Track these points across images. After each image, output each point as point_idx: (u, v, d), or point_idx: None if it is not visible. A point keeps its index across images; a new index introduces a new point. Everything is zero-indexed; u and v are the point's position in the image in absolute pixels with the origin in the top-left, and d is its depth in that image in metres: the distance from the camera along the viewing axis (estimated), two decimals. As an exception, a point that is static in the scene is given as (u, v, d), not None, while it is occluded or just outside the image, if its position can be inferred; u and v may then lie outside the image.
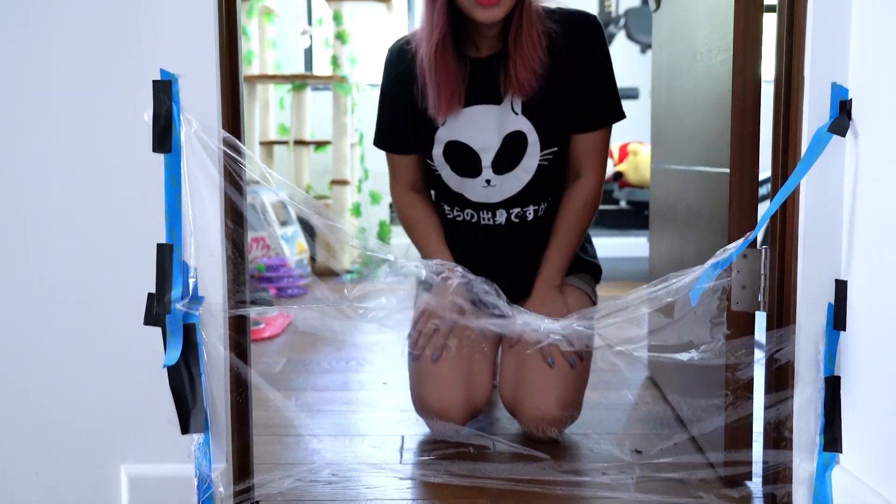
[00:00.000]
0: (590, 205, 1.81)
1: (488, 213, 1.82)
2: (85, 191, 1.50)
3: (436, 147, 1.80)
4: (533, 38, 1.69)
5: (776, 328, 1.50)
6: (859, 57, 1.40)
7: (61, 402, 1.53)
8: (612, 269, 4.28)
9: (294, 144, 4.63)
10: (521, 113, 1.75)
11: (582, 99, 1.76)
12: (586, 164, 1.80)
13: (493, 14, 1.63)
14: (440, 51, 1.69)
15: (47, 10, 1.47)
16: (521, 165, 1.77)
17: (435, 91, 1.72)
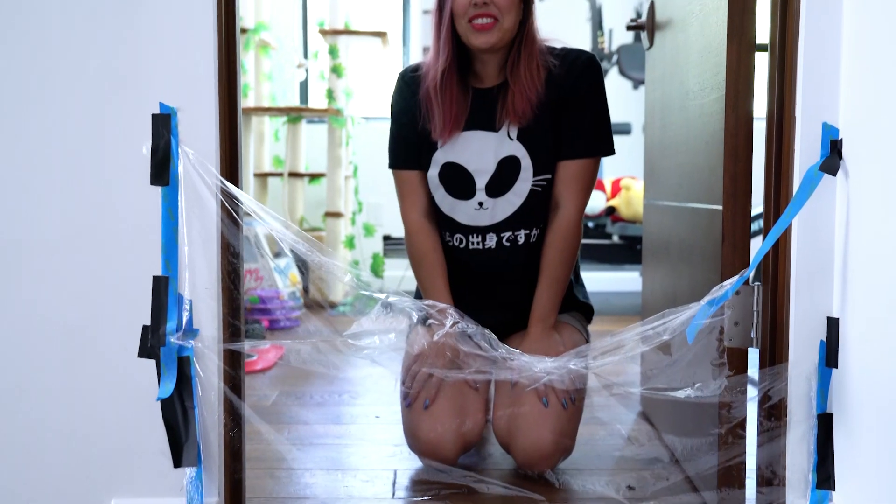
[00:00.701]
0: (569, 237, 1.83)
1: (478, 237, 1.84)
2: (82, 222, 1.51)
3: (432, 168, 1.85)
4: (531, 70, 1.77)
5: (769, 365, 1.51)
6: (849, 97, 1.42)
7: (53, 433, 1.53)
8: (605, 304, 4.29)
9: (288, 176, 4.65)
10: (517, 139, 1.80)
11: (570, 127, 1.81)
12: (566, 192, 1.83)
13: (487, 39, 1.73)
14: (445, 78, 1.79)
15: (48, 42, 1.49)
16: (514, 189, 1.81)
17: (439, 115, 1.81)
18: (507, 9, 1.75)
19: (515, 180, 1.81)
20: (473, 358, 1.63)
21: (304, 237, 1.55)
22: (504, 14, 1.74)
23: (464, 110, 1.82)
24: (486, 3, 1.73)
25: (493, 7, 1.73)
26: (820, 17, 1.45)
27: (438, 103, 1.80)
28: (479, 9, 1.73)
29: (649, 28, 2.35)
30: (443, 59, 1.79)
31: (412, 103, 1.86)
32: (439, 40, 1.80)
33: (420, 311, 1.64)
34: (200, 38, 1.49)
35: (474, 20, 1.73)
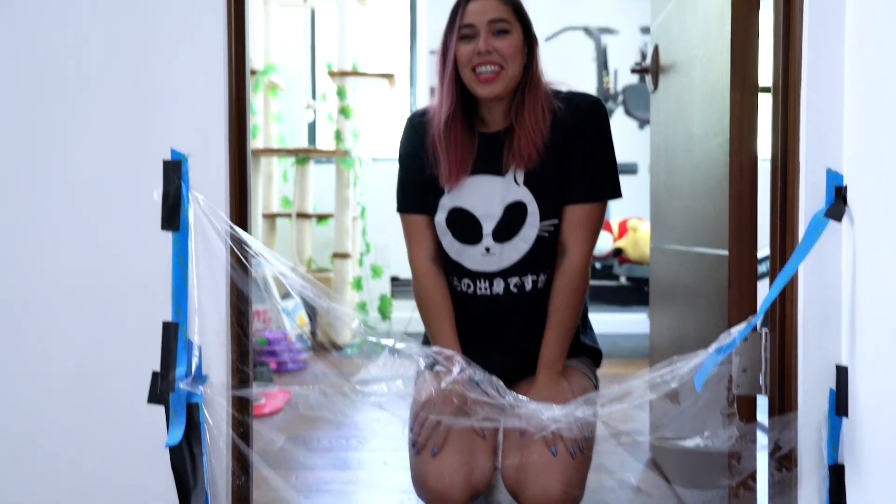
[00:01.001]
0: (576, 282, 1.81)
1: (486, 283, 1.83)
2: (93, 267, 1.52)
3: (439, 213, 1.85)
4: (537, 114, 1.77)
5: (778, 412, 1.50)
6: (853, 142, 1.43)
7: (63, 478, 1.53)
8: (613, 346, 4.27)
9: (297, 217, 4.67)
10: (523, 184, 1.79)
11: (575, 170, 1.80)
12: (572, 237, 1.81)
13: (491, 90, 1.73)
14: (450, 124, 1.79)
15: (62, 88, 1.51)
16: (521, 235, 1.80)
17: (445, 161, 1.80)
18: (511, 57, 1.75)
19: (522, 226, 1.80)
20: (481, 405, 1.62)
21: (311, 282, 1.56)
22: (508, 62, 1.74)
23: (470, 155, 1.82)
24: (490, 52, 1.73)
25: (497, 55, 1.73)
26: (822, 62, 1.46)
27: (444, 149, 1.80)
28: (483, 58, 1.73)
29: (654, 72, 2.37)
30: (447, 106, 1.79)
31: (419, 148, 1.86)
32: (443, 87, 1.80)
33: (427, 357, 1.63)
34: (212, 86, 1.51)
35: (478, 69, 1.74)
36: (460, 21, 1.75)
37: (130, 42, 1.52)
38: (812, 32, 1.47)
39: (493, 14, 1.73)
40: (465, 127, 1.81)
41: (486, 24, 1.73)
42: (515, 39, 1.75)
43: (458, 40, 1.75)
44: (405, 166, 1.90)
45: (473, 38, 1.74)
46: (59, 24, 1.51)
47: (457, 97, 1.79)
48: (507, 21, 1.74)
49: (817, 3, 1.46)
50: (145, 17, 1.52)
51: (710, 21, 1.79)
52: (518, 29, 1.76)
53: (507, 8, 1.75)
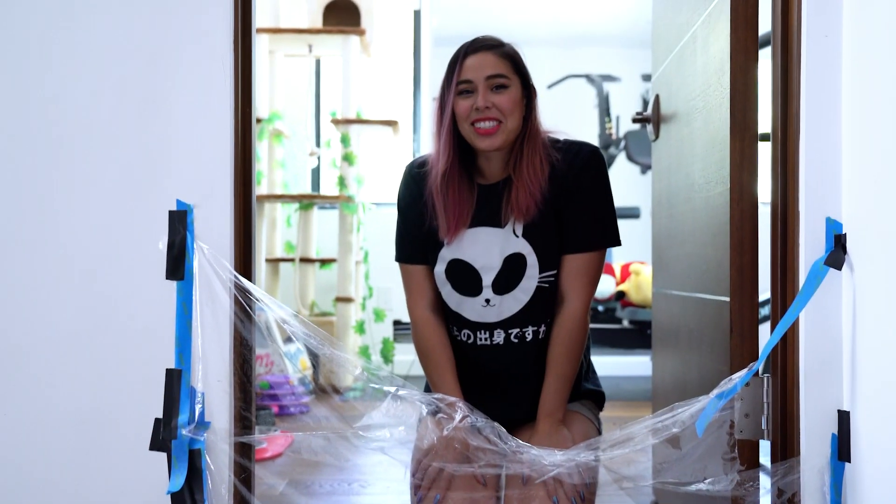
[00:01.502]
0: (575, 332, 1.79)
1: (486, 333, 1.83)
2: (98, 315, 1.54)
3: (439, 265, 1.84)
4: (535, 166, 1.77)
5: (781, 458, 1.50)
6: (852, 191, 1.45)
7: (62, 529, 1.52)
8: (616, 389, 4.26)
9: (300, 262, 4.69)
10: (522, 235, 1.79)
11: (573, 220, 1.80)
12: (571, 287, 1.80)
13: (491, 142, 1.73)
14: (448, 177, 1.79)
15: (70, 139, 1.54)
16: (520, 286, 1.79)
17: (443, 214, 1.80)
18: (511, 111, 1.75)
19: (522, 277, 1.79)
20: (483, 452, 1.62)
21: (313, 329, 1.56)
22: (507, 116, 1.74)
23: (468, 208, 1.81)
24: (488, 108, 1.73)
25: (495, 111, 1.73)
26: (820, 111, 1.49)
27: (442, 203, 1.80)
28: (482, 113, 1.72)
29: (655, 121, 2.40)
30: (444, 159, 1.78)
31: (418, 199, 1.85)
32: (440, 140, 1.79)
33: (430, 404, 1.64)
34: (218, 137, 1.54)
35: (477, 124, 1.73)
36: (458, 76, 1.75)
37: (138, 92, 1.55)
38: (810, 82, 1.50)
39: (490, 70, 1.73)
40: (463, 179, 1.81)
41: (484, 80, 1.73)
42: (514, 93, 1.75)
43: (457, 95, 1.75)
44: (404, 216, 1.90)
45: (472, 94, 1.74)
46: (67, 75, 1.55)
47: (455, 150, 1.79)
48: (505, 76, 1.74)
49: (814, 54, 1.49)
50: (153, 67, 1.55)
51: (710, 73, 1.82)
52: (516, 82, 1.77)
53: (505, 62, 1.76)
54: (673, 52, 2.22)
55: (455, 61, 1.77)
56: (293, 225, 5.05)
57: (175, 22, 1.55)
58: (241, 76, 1.57)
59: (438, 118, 1.79)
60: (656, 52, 2.47)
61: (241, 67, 1.57)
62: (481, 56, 1.75)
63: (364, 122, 4.56)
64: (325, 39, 4.54)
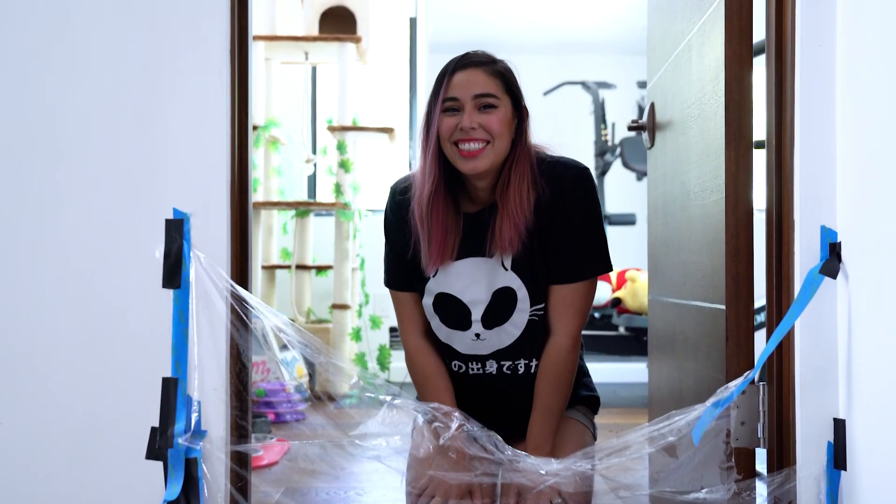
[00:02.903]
0: (563, 366, 1.72)
1: (478, 365, 1.78)
2: (94, 323, 1.53)
3: (426, 297, 1.77)
4: (522, 195, 1.65)
5: (777, 465, 1.51)
6: (846, 198, 1.45)
7: (58, 538, 1.52)
8: (612, 396, 4.26)
9: (296, 269, 4.69)
10: (511, 269, 1.71)
11: (559, 250, 1.70)
12: (558, 319, 1.72)
13: (475, 165, 1.63)
14: (432, 203, 1.68)
15: (66, 146, 1.54)
16: (511, 320, 1.73)
17: (426, 244, 1.70)
18: (499, 132, 1.63)
19: (513, 311, 1.72)
20: (480, 460, 1.61)
21: (310, 337, 1.56)
22: (496, 137, 1.63)
23: (453, 239, 1.70)
24: (474, 128, 1.62)
25: (482, 131, 1.62)
26: (814, 120, 1.49)
27: (426, 234, 1.69)
28: (467, 133, 1.62)
29: (650, 128, 2.41)
30: (429, 184, 1.67)
31: (404, 227, 1.75)
32: (426, 162, 1.68)
33: (426, 413, 1.62)
34: (214, 145, 1.54)
35: (461, 145, 1.63)
36: (444, 93, 1.65)
37: (134, 101, 1.55)
38: (804, 91, 1.50)
39: (479, 88, 1.64)
40: (448, 207, 1.70)
41: (472, 99, 1.63)
42: (503, 114, 1.65)
43: (442, 112, 1.65)
44: (390, 243, 1.81)
45: (458, 112, 1.64)
46: (64, 83, 1.55)
47: (440, 174, 1.68)
48: (494, 95, 1.64)
49: (808, 63, 1.49)
50: (149, 74, 1.55)
51: (705, 81, 1.83)
52: (506, 102, 1.67)
53: (496, 80, 1.66)
54: (668, 61, 2.23)
55: (442, 77, 1.67)
56: (289, 232, 5.05)
57: (172, 29, 1.55)
58: (238, 84, 1.57)
59: (424, 137, 1.69)
60: (651, 61, 2.48)
61: (237, 75, 1.57)
62: (470, 73, 1.65)
63: (360, 130, 4.56)
64: (321, 47, 4.55)
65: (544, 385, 1.73)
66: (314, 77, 5.49)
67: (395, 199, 1.78)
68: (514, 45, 6.09)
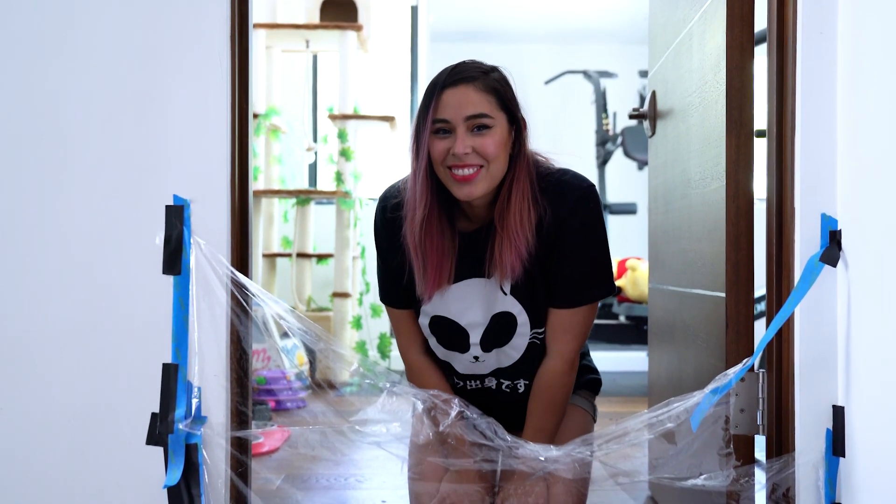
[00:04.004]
0: (556, 388, 1.67)
1: (476, 382, 1.76)
2: (94, 310, 1.54)
3: (422, 317, 1.71)
4: (522, 216, 1.56)
5: (776, 452, 1.51)
6: (847, 187, 1.45)
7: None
8: (612, 384, 4.27)
9: (297, 257, 4.70)
10: (511, 293, 1.64)
11: (560, 274, 1.62)
12: (556, 341, 1.66)
13: (470, 191, 1.53)
14: (425, 229, 1.58)
15: (67, 133, 1.54)
16: (511, 344, 1.69)
17: (421, 272, 1.61)
18: (494, 155, 1.53)
19: (512, 335, 1.67)
20: (479, 447, 1.61)
21: (310, 325, 1.56)
22: (491, 161, 1.53)
23: (449, 264, 1.61)
24: (468, 154, 1.51)
25: (476, 156, 1.52)
26: (815, 108, 1.49)
27: (420, 263, 1.60)
28: (460, 159, 1.52)
29: (651, 117, 2.41)
30: (421, 208, 1.57)
31: (397, 248, 1.65)
32: (416, 184, 1.57)
33: (425, 401, 1.62)
34: (214, 132, 1.54)
35: (455, 170, 1.53)
36: (434, 113, 1.53)
37: (134, 88, 1.55)
38: (805, 79, 1.50)
39: (471, 109, 1.51)
40: (443, 230, 1.60)
41: (464, 121, 1.51)
42: (498, 135, 1.53)
43: (432, 134, 1.54)
44: (383, 260, 1.72)
45: (449, 134, 1.53)
46: (63, 70, 1.55)
47: (433, 196, 1.58)
48: (487, 116, 1.52)
49: (810, 51, 1.49)
50: (150, 62, 1.55)
51: (706, 69, 1.83)
52: (501, 120, 1.55)
53: (489, 97, 1.53)
54: (669, 49, 2.22)
55: (431, 94, 1.54)
56: (290, 220, 5.05)
57: (173, 17, 1.55)
58: (238, 71, 1.57)
59: (414, 157, 1.59)
60: (653, 49, 2.48)
61: (237, 62, 1.57)
62: (461, 91, 1.52)
63: (361, 118, 4.56)
64: (322, 35, 4.53)
65: (537, 406, 1.68)
66: (315, 65, 5.48)
67: (387, 217, 1.68)
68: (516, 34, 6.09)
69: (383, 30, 5.31)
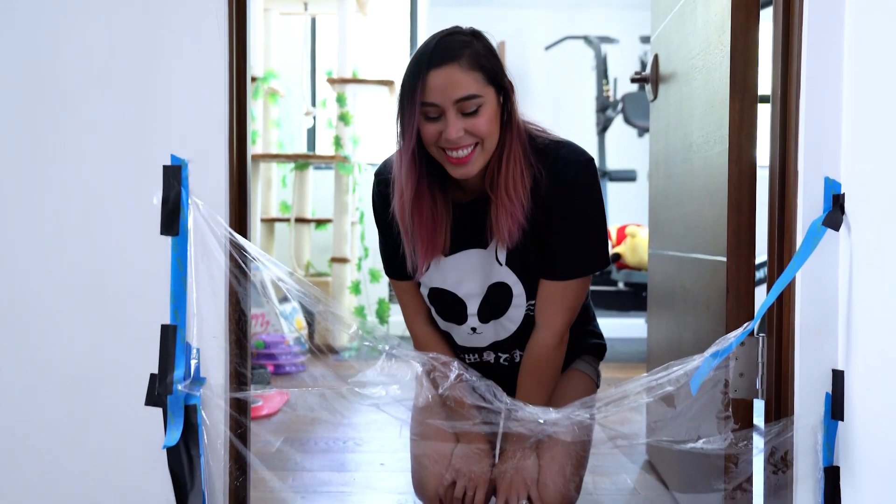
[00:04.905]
0: (545, 363, 1.66)
1: (475, 356, 1.77)
2: (92, 271, 1.53)
3: (422, 288, 1.73)
4: (516, 180, 1.54)
5: (774, 416, 1.51)
6: (851, 151, 1.44)
7: (59, 481, 1.53)
8: (611, 351, 4.29)
9: (295, 222, 4.68)
10: (506, 264, 1.64)
11: (554, 246, 1.61)
12: (545, 314, 1.65)
13: (466, 171, 1.53)
14: (414, 203, 1.57)
15: (62, 93, 1.52)
16: (507, 315, 1.69)
17: (410, 247, 1.62)
18: (488, 132, 1.51)
19: (508, 307, 1.67)
20: (479, 409, 1.61)
21: (309, 287, 1.56)
22: (485, 138, 1.51)
23: (440, 235, 1.61)
24: (461, 137, 1.49)
25: (469, 137, 1.50)
26: (820, 72, 1.47)
27: (410, 239, 1.60)
28: (453, 143, 1.50)
29: (653, 81, 2.38)
30: (409, 187, 1.55)
31: (392, 222, 1.65)
32: (403, 162, 1.55)
33: (424, 363, 1.62)
34: (212, 92, 1.52)
35: (449, 152, 1.52)
36: (421, 96, 1.49)
37: (131, 48, 1.52)
38: (811, 42, 1.48)
39: (460, 92, 1.48)
40: (434, 201, 1.59)
41: (453, 105, 1.49)
42: (489, 111, 1.51)
43: (421, 117, 1.51)
44: (382, 234, 1.73)
45: (439, 118, 1.50)
46: (59, 31, 1.52)
47: (421, 174, 1.56)
48: (477, 95, 1.49)
49: (816, 14, 1.47)
50: (146, 23, 1.53)
51: (710, 31, 1.81)
52: (490, 94, 1.52)
53: (475, 75, 1.50)
54: (673, 11, 2.19)
55: (416, 74, 1.50)
56: (288, 185, 5.03)
57: (169, -26, 1.52)
58: (236, 31, 1.55)
59: (400, 139, 1.56)
60: (656, 11, 2.45)
61: (235, 22, 1.55)
62: (447, 73, 1.48)
63: (360, 82, 4.52)
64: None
65: (526, 379, 1.68)
66: (313, 28, 5.42)
67: (381, 192, 1.68)
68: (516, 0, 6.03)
69: (383, -7, 5.25)
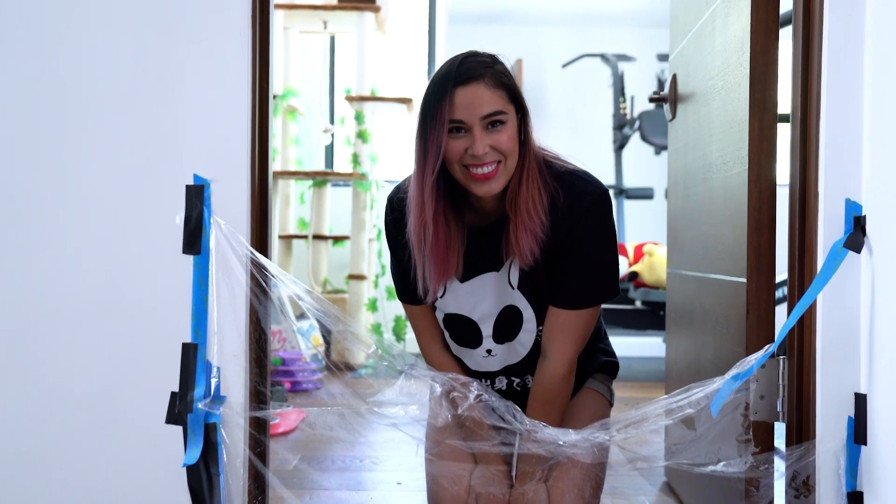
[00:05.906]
0: (555, 392, 1.65)
1: (486, 381, 1.75)
2: (114, 289, 1.54)
3: (437, 313, 1.74)
4: (534, 198, 1.56)
5: (796, 440, 1.50)
6: (872, 172, 1.43)
7: (79, 497, 1.54)
8: (628, 369, 4.27)
9: (313, 239, 4.70)
10: (517, 288, 1.65)
11: (564, 274, 1.62)
12: (554, 342, 1.64)
13: (490, 188, 1.54)
14: (434, 223, 1.57)
15: (86, 114, 1.54)
16: (518, 339, 1.70)
17: (422, 269, 1.61)
18: (511, 149, 1.53)
19: (519, 330, 1.68)
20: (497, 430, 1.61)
21: (328, 305, 1.56)
22: (508, 155, 1.53)
23: (454, 257, 1.61)
24: (486, 153, 1.51)
25: (494, 153, 1.52)
26: (841, 91, 1.47)
27: (422, 255, 1.60)
28: (478, 159, 1.51)
29: (672, 100, 2.38)
30: (430, 207, 1.55)
31: (406, 245, 1.65)
32: (424, 185, 1.54)
33: (443, 384, 1.62)
34: (235, 112, 1.54)
35: (473, 168, 1.52)
36: (448, 113, 1.51)
37: (155, 68, 1.54)
38: (831, 61, 1.48)
39: (486, 108, 1.51)
40: (448, 225, 1.59)
41: (479, 121, 1.51)
42: (511, 128, 1.54)
43: (446, 134, 1.52)
44: (396, 258, 1.72)
45: (464, 134, 1.52)
46: (83, 51, 1.54)
47: (441, 198, 1.57)
48: (502, 112, 1.52)
49: (836, 32, 1.47)
50: (170, 42, 1.54)
51: (729, 51, 1.81)
52: (512, 112, 1.55)
53: (500, 93, 1.53)
54: (692, 31, 2.20)
55: (442, 92, 1.52)
56: (306, 202, 5.05)
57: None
58: (259, 51, 1.56)
59: (421, 158, 1.55)
60: (674, 31, 2.45)
61: (258, 42, 1.56)
62: (473, 90, 1.51)
63: (378, 100, 4.55)
64: (339, 16, 4.52)
65: (535, 408, 1.67)
66: (332, 46, 5.46)
67: (395, 215, 1.68)
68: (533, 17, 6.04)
69: (401, 11, 5.29)
